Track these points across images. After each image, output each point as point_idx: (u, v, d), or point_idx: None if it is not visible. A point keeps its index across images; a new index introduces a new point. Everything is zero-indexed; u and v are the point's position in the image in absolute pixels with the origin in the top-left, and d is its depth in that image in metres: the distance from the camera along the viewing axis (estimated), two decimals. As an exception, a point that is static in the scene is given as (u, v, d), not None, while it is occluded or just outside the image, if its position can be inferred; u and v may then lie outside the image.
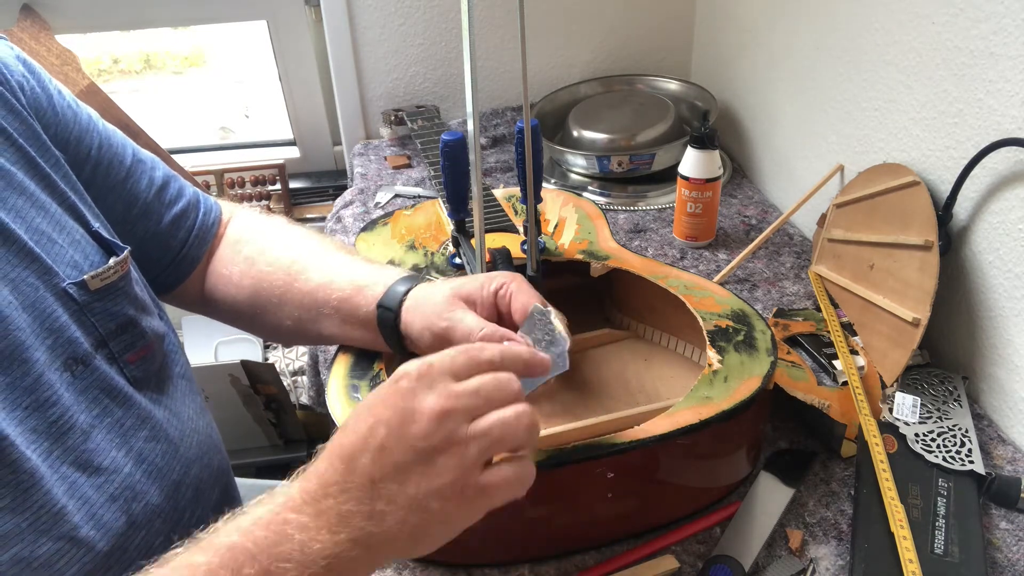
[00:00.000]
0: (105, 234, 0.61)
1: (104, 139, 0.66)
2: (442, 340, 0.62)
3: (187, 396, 0.66)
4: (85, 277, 0.57)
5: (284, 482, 0.47)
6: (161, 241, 0.71)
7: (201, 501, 0.63)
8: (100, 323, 0.58)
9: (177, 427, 0.63)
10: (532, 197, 0.74)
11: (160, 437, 0.60)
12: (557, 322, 0.59)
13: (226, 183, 1.54)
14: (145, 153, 0.71)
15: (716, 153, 1.02)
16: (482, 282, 0.65)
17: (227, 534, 0.45)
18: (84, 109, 0.66)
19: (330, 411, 0.65)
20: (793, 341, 0.89)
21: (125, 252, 0.61)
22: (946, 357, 0.86)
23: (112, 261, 0.59)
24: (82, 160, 0.64)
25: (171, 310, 0.76)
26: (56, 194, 0.58)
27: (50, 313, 0.54)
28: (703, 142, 1.01)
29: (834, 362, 0.84)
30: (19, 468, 0.49)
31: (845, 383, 0.81)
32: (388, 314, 0.66)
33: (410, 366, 0.47)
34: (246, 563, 0.43)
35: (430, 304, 0.64)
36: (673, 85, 1.38)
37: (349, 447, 0.46)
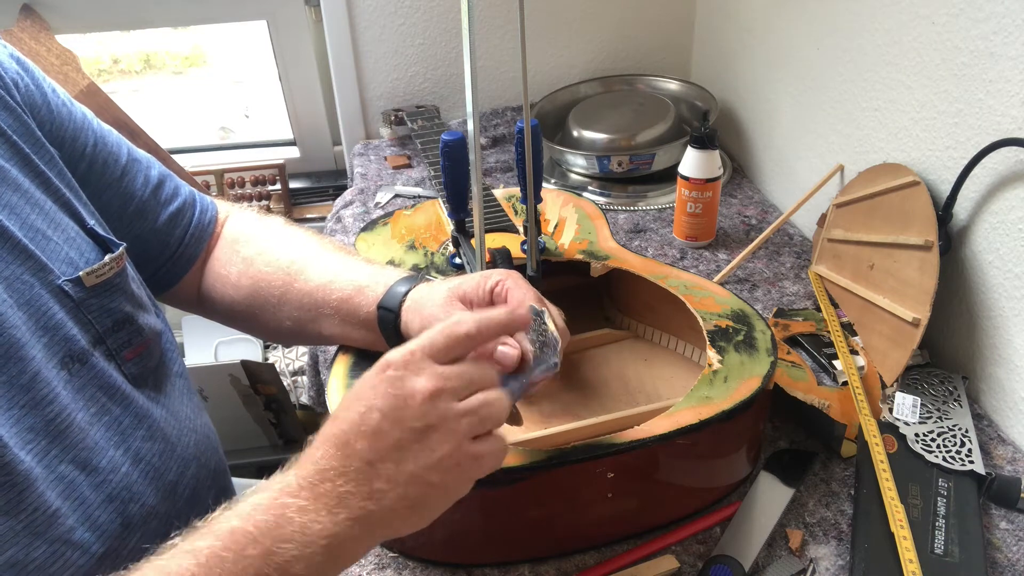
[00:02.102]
0: (100, 231, 0.60)
1: (99, 137, 0.66)
2: None
3: (184, 395, 0.66)
4: (81, 274, 0.56)
5: (278, 472, 0.48)
6: (157, 239, 0.71)
7: (198, 503, 0.63)
8: (97, 320, 0.57)
9: (175, 426, 0.63)
10: (532, 197, 0.74)
11: (157, 436, 0.60)
12: (551, 323, 0.59)
13: (226, 183, 1.53)
14: (141, 152, 0.71)
15: (716, 153, 1.02)
16: (478, 281, 0.65)
17: (226, 520, 0.46)
18: (78, 108, 0.66)
19: (330, 411, 0.65)
20: (793, 341, 0.89)
21: (121, 248, 0.60)
22: (946, 357, 0.86)
23: (108, 257, 0.59)
24: (77, 157, 0.64)
25: (170, 311, 0.76)
26: (51, 191, 0.58)
27: (46, 311, 0.54)
28: (703, 142, 1.01)
29: (834, 362, 0.84)
30: (13, 470, 0.49)
31: (845, 383, 0.81)
32: (389, 315, 0.66)
33: (394, 354, 0.49)
34: (248, 545, 0.44)
35: (429, 305, 0.64)
36: (673, 85, 1.38)
37: (342, 434, 0.48)
